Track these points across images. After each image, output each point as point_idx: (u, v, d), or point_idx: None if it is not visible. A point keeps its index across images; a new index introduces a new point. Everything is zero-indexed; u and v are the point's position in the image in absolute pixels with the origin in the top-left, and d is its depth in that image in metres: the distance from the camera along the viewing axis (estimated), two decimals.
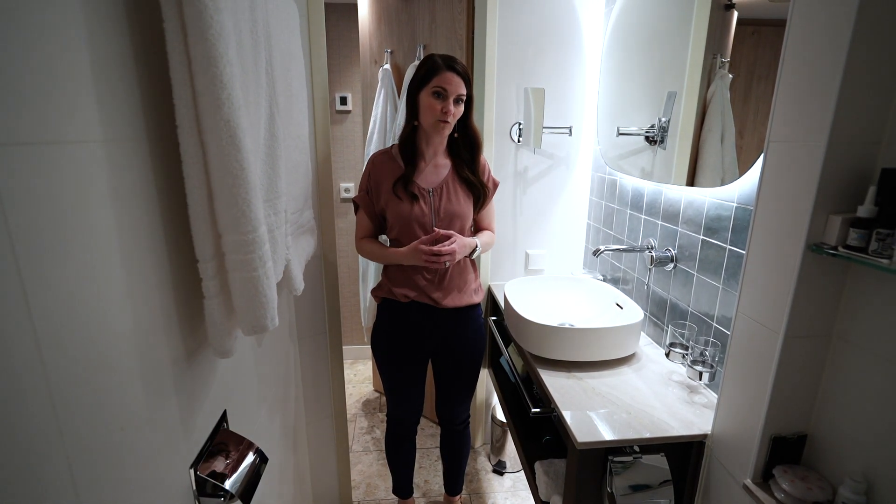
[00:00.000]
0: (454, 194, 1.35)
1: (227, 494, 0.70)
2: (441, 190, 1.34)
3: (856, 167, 0.74)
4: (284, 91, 0.94)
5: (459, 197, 1.36)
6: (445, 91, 1.24)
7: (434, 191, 1.34)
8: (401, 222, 1.33)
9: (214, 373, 0.77)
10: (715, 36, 1.20)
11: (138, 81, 0.54)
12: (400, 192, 1.32)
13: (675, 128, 1.33)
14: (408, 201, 1.32)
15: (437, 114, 1.25)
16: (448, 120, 1.26)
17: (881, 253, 0.68)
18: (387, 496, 1.91)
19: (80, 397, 0.44)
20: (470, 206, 1.38)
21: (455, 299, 1.40)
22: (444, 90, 1.24)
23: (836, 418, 0.83)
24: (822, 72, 0.74)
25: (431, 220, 1.33)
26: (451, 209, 1.34)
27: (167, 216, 0.61)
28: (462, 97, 1.27)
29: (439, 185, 1.34)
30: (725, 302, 1.16)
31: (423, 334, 1.43)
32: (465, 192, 1.37)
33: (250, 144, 0.64)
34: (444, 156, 1.38)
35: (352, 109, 2.64)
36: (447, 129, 1.29)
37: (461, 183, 1.37)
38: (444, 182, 1.35)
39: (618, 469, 1.04)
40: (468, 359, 1.50)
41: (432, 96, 1.24)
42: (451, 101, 1.25)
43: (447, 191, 1.35)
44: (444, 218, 1.33)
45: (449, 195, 1.35)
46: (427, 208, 1.33)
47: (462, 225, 1.37)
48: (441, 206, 1.33)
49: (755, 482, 0.90)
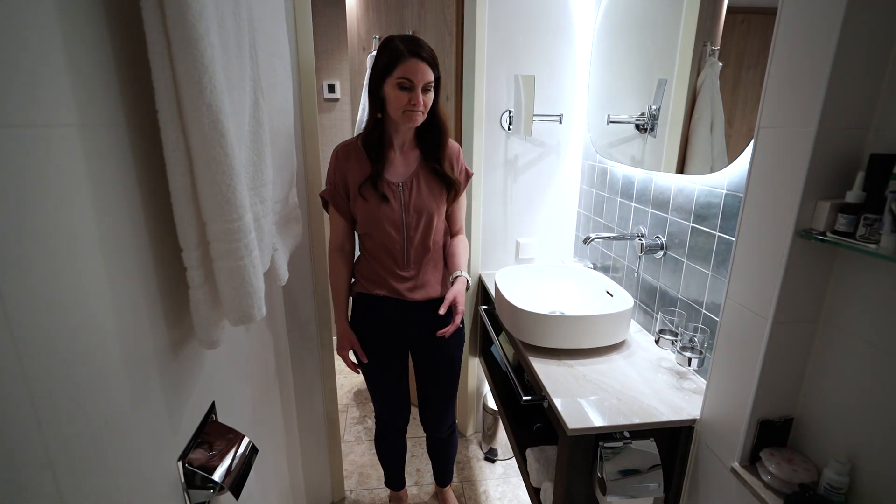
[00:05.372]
0: (425, 187, 1.26)
1: (217, 486, 0.69)
2: (411, 183, 1.25)
3: (845, 153, 0.75)
4: (269, 77, 0.92)
5: (431, 189, 1.27)
6: (411, 82, 1.12)
7: (404, 184, 1.25)
8: (369, 221, 1.26)
9: (201, 364, 0.75)
10: (705, 23, 1.20)
11: (116, 64, 0.52)
12: (367, 193, 1.23)
13: (666, 116, 1.33)
14: (376, 201, 1.23)
15: (404, 106, 1.15)
16: (420, 110, 1.16)
17: (868, 238, 0.69)
18: (379, 485, 1.92)
19: (60, 390, 0.43)
20: (442, 199, 1.29)
21: (427, 292, 1.34)
22: (411, 81, 1.12)
23: (822, 402, 0.84)
24: (812, 58, 0.74)
25: (402, 218, 1.25)
26: (422, 204, 1.26)
27: (150, 203, 0.59)
28: (430, 84, 1.15)
29: (409, 178, 1.25)
30: (715, 289, 1.17)
31: (397, 328, 1.38)
32: (437, 183, 1.28)
33: (234, 130, 0.62)
34: (413, 144, 1.28)
35: (340, 97, 2.60)
36: (419, 119, 1.18)
37: (432, 174, 1.27)
38: (415, 174, 1.26)
39: (608, 455, 1.05)
40: (445, 356, 1.43)
41: (398, 89, 1.13)
42: (419, 92, 1.13)
43: (417, 184, 1.26)
44: (414, 214, 1.25)
45: (419, 188, 1.26)
46: (396, 204, 1.24)
47: (432, 220, 1.28)
48: (411, 201, 1.25)
49: (742, 465, 0.91)
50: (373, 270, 1.32)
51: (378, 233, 1.26)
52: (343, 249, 1.35)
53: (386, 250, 1.29)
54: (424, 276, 1.32)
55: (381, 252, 1.29)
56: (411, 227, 1.27)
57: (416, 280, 1.32)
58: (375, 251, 1.30)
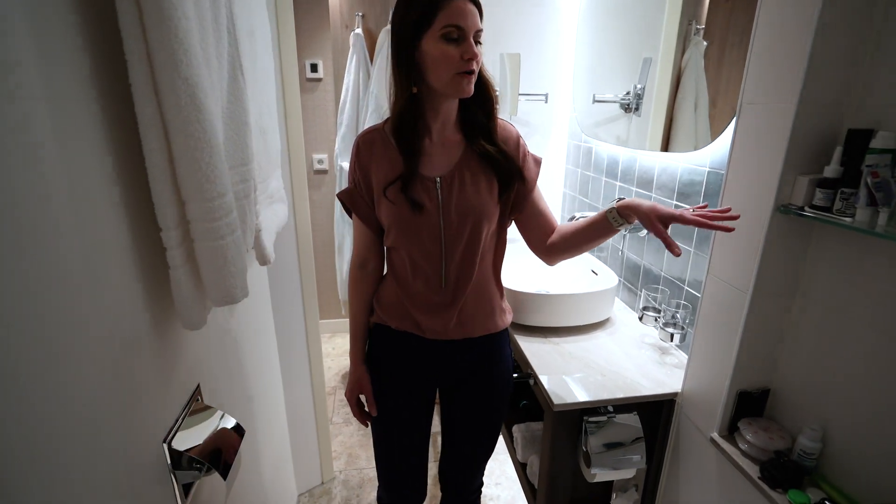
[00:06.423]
0: (470, 182, 0.94)
1: (204, 467, 0.69)
2: (452, 177, 0.93)
3: (824, 128, 0.76)
4: (249, 53, 0.89)
5: (479, 184, 0.94)
6: (462, 29, 0.83)
7: (443, 179, 0.93)
8: (399, 228, 0.95)
9: (185, 345, 0.75)
10: (690, 2, 1.19)
11: (85, 34, 0.50)
12: (393, 194, 0.93)
13: (651, 95, 1.33)
14: (404, 204, 0.92)
15: (457, 65, 0.84)
16: (475, 69, 0.87)
17: (844, 212, 0.70)
18: (368, 465, 1.95)
19: (35, 375, 0.42)
20: (493, 197, 0.95)
21: (469, 329, 1.01)
22: (460, 28, 0.83)
23: (797, 372, 0.87)
24: (793, 35, 0.75)
25: (439, 224, 0.93)
26: (467, 203, 0.93)
27: (127, 181, 0.57)
28: (481, 34, 0.87)
29: (451, 172, 0.94)
30: (696, 265, 1.19)
31: (424, 374, 1.05)
32: (488, 176, 0.95)
33: (213, 106, 0.61)
34: (455, 127, 0.97)
35: (323, 77, 2.55)
36: (472, 84, 0.88)
37: (480, 162, 0.95)
38: (458, 166, 0.94)
39: (592, 428, 1.08)
40: (490, 405, 1.09)
41: (443, 41, 0.84)
42: (471, 42, 0.84)
43: (460, 178, 0.94)
44: (456, 217, 0.93)
45: (463, 183, 0.93)
46: (433, 205, 0.92)
47: (480, 226, 0.94)
48: (453, 201, 0.93)
49: (721, 435, 0.94)
50: (395, 295, 1.02)
51: (410, 245, 0.95)
52: (366, 266, 1.05)
53: (418, 270, 0.97)
54: (465, 306, 1.00)
55: (410, 272, 0.98)
56: (451, 237, 0.94)
57: (452, 309, 0.98)
58: (402, 270, 0.99)
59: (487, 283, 1.02)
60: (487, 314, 1.02)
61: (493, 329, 1.03)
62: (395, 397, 1.06)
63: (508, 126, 1.01)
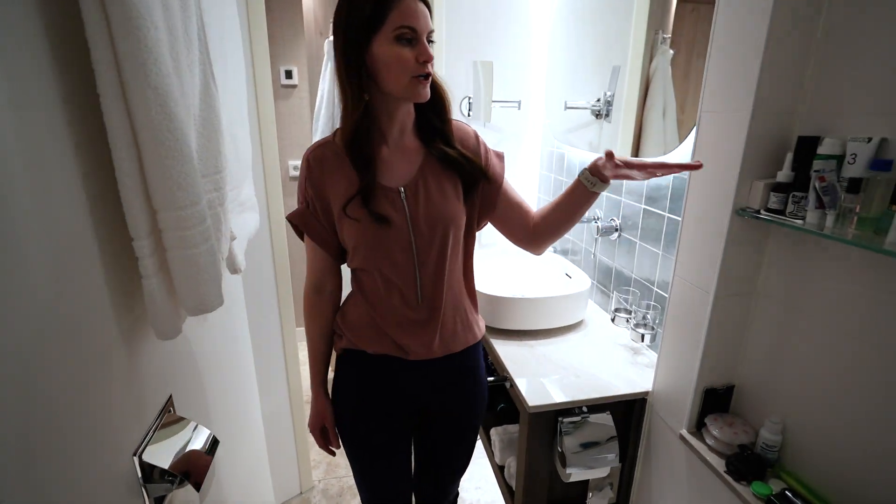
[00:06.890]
0: (436, 187, 0.90)
1: (177, 479, 0.69)
2: (417, 186, 0.89)
3: (776, 135, 0.80)
4: (220, 60, 0.89)
5: (445, 189, 0.90)
6: (415, 31, 0.79)
7: (407, 189, 0.88)
8: (367, 250, 0.89)
9: (157, 356, 0.74)
10: (656, 12, 1.24)
11: (49, 42, 0.50)
12: (356, 211, 0.86)
13: (620, 101, 1.37)
14: (371, 221, 0.86)
15: (412, 68, 0.80)
16: (431, 72, 0.83)
17: (796, 214, 0.74)
18: (347, 473, 1.93)
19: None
20: (460, 200, 0.92)
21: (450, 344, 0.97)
22: (414, 30, 0.79)
23: (759, 368, 0.91)
24: (746, 45, 0.79)
25: (409, 236, 0.88)
26: (436, 211, 0.89)
27: (96, 190, 0.57)
28: (432, 33, 0.83)
29: (414, 180, 0.89)
30: (665, 267, 1.23)
31: (402, 397, 0.99)
32: (451, 179, 0.91)
33: (184, 115, 0.61)
34: (413, 132, 0.93)
35: (298, 83, 2.54)
36: (427, 87, 0.84)
37: (442, 166, 0.91)
38: (421, 173, 0.90)
39: (567, 429, 1.10)
40: (467, 423, 1.07)
41: (397, 43, 0.79)
42: (425, 44, 0.81)
43: (425, 185, 0.89)
44: (426, 227, 0.88)
45: (429, 191, 0.89)
46: (400, 218, 0.87)
47: (448, 232, 0.90)
48: (420, 211, 0.88)
49: (690, 431, 0.97)
50: (367, 316, 0.95)
51: (378, 263, 0.90)
52: (322, 290, 0.98)
53: (391, 286, 0.91)
54: (444, 319, 0.95)
55: (382, 289, 0.92)
56: (423, 247, 0.89)
57: (432, 324, 0.93)
58: (373, 289, 0.93)
59: (461, 293, 0.99)
60: (466, 326, 0.99)
61: (473, 340, 1.01)
62: (369, 421, 1.00)
63: (464, 126, 0.98)
